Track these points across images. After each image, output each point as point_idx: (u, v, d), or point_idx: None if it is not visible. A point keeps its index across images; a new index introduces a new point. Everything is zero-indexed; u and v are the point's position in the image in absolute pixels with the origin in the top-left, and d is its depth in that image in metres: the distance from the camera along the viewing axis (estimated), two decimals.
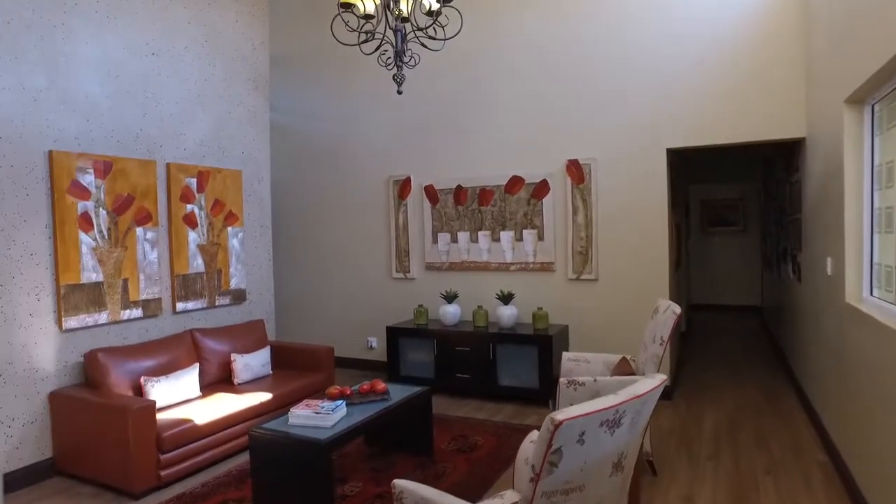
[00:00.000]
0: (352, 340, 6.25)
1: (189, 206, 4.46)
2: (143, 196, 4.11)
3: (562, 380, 3.38)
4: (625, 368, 3.65)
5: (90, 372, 3.63)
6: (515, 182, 5.27)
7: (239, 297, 4.90)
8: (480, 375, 4.97)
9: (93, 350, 3.65)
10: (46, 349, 3.58)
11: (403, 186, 5.82)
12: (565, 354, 4.02)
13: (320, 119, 6.33)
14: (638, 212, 4.84)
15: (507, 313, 5.02)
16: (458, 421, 4.45)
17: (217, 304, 4.69)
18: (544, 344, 4.70)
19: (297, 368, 4.69)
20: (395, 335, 5.35)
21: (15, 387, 3.43)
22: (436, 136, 5.69)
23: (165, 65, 4.33)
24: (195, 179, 4.51)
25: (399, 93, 3.22)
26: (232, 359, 4.31)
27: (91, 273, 3.78)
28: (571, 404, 3.35)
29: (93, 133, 3.85)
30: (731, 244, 10.06)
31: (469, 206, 5.50)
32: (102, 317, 3.84)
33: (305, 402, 3.22)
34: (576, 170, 5.02)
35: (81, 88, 3.78)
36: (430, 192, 5.69)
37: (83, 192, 3.74)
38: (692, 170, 8.86)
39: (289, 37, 6.50)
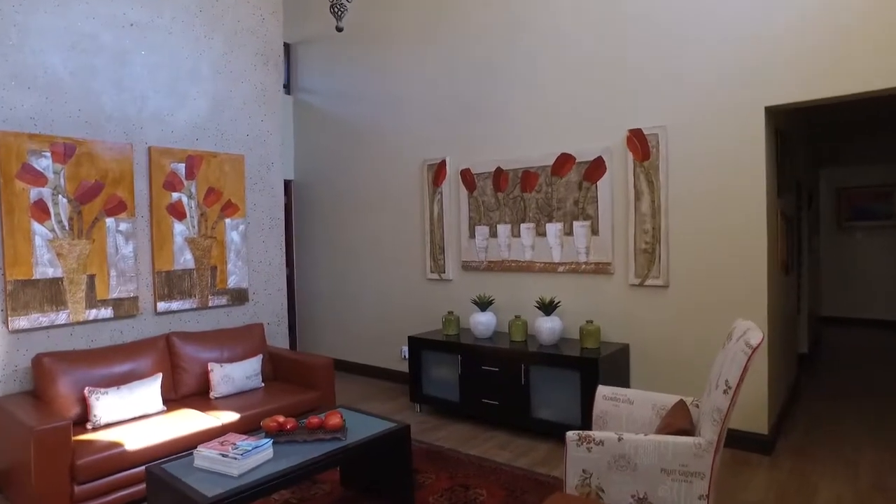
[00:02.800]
0: (385, 349, 5.52)
1: (175, 195, 3.98)
2: (116, 183, 3.68)
3: (570, 434, 2.35)
4: (679, 418, 2.51)
5: (36, 379, 3.23)
6: (564, 161, 4.20)
7: (239, 297, 4.36)
8: (510, 403, 3.99)
9: (40, 354, 3.25)
10: None
11: (438, 171, 4.97)
12: (601, 390, 2.95)
13: (353, 100, 5.68)
14: (724, 197, 3.57)
15: (547, 326, 3.98)
16: (468, 462, 3.52)
17: (211, 304, 4.18)
18: (588, 369, 3.61)
19: (295, 382, 4.04)
20: (418, 347, 4.52)
21: None
22: (472, 113, 4.77)
23: (147, 37, 3.88)
24: (183, 165, 4.02)
25: (339, 29, 2.39)
26: (209, 368, 3.75)
27: (46, 268, 3.39)
28: (584, 472, 2.35)
29: (53, 113, 3.46)
30: (879, 242, 7.96)
31: (510, 192, 4.52)
32: (61, 317, 3.44)
33: (223, 438, 2.51)
34: (639, 143, 3.85)
35: (38, 63, 3.40)
36: (467, 178, 4.79)
37: (37, 178, 3.35)
38: (821, 149, 7.05)
39: (319, 15, 5.92)
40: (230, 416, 3.39)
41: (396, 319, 5.41)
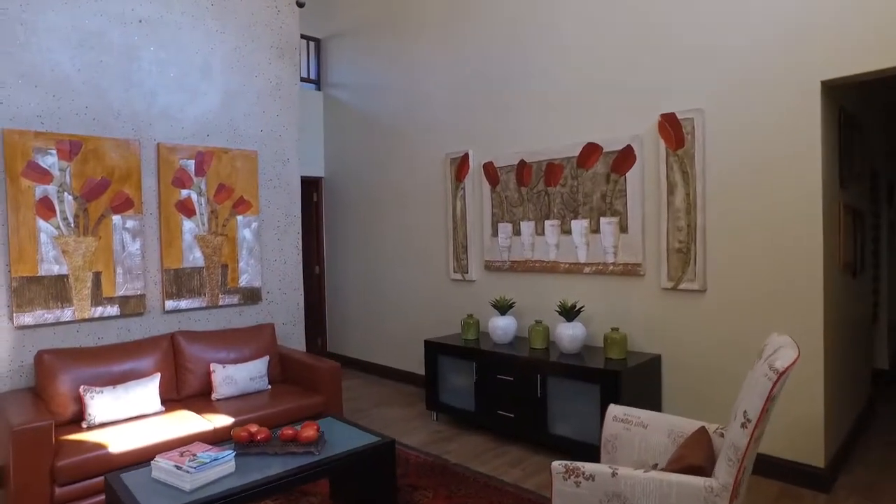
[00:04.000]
0: (409, 352, 5.31)
1: (184, 192, 3.93)
2: (123, 180, 3.65)
3: (555, 466, 2.03)
4: (695, 451, 2.12)
5: (37, 376, 3.23)
6: (590, 152, 3.82)
7: (251, 296, 4.27)
8: (526, 416, 3.65)
9: (41, 351, 3.25)
10: None
11: (461, 166, 4.70)
12: (612, 409, 2.58)
13: (378, 94, 5.50)
14: (772, 188, 3.09)
15: (568, 333, 3.62)
16: (473, 480, 3.23)
17: (221, 303, 4.11)
18: (609, 383, 3.22)
19: (302, 386, 3.89)
20: (434, 352, 4.26)
21: None
22: (495, 102, 4.46)
23: (156, 33, 3.84)
24: (193, 161, 3.96)
25: (300, 4, 2.16)
26: (211, 369, 3.66)
27: (52, 265, 3.40)
28: None
29: (61, 110, 3.47)
30: None
31: (534, 187, 4.18)
32: (66, 313, 3.45)
33: (187, 447, 2.36)
34: (672, 129, 3.41)
35: (45, 61, 3.41)
36: (490, 172, 4.48)
37: (43, 175, 3.37)
38: None
39: (347, 7, 5.80)
40: (223, 420, 3.27)
41: (420, 321, 5.18)
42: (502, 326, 4.04)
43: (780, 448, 3.09)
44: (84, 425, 3.13)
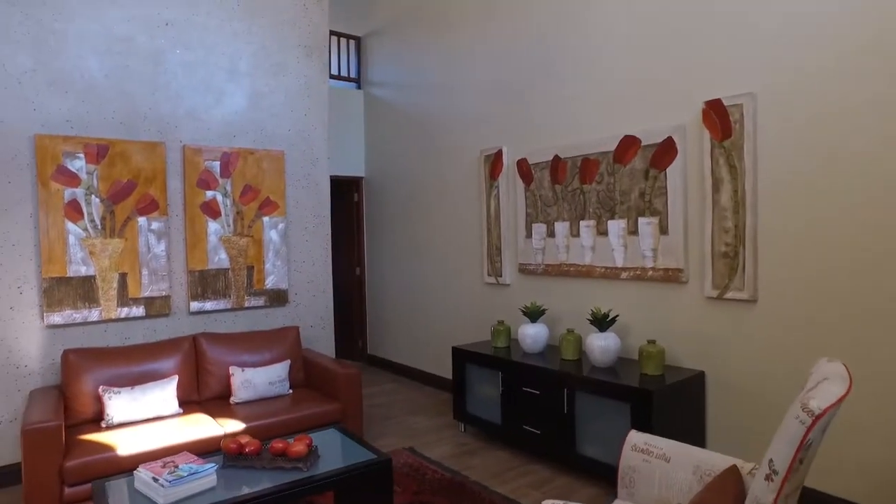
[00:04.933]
0: (445, 357, 5.12)
1: (210, 193, 3.94)
2: (148, 182, 3.70)
3: None
4: (719, 497, 1.79)
5: (63, 374, 3.31)
6: (628, 145, 3.47)
7: (278, 298, 4.23)
8: (552, 433, 3.37)
9: (66, 350, 3.33)
10: (28, 345, 3.38)
11: (495, 162, 4.45)
12: (632, 437, 2.29)
13: (415, 91, 5.35)
14: (841, 186, 2.64)
15: (598, 345, 3.30)
16: (490, 501, 2.99)
17: (247, 305, 4.09)
18: (641, 401, 2.89)
19: (323, 391, 3.80)
20: (462, 360, 4.05)
21: None
22: (529, 96, 4.18)
23: (182, 35, 3.86)
24: (218, 163, 3.96)
25: None
26: (230, 372, 3.64)
27: (80, 266, 3.48)
28: None
29: (89, 115, 3.55)
30: None
31: (568, 185, 3.87)
32: (93, 314, 3.53)
33: (172, 457, 2.29)
34: (718, 117, 3.02)
35: (76, 68, 3.50)
36: (523, 168, 4.21)
37: (71, 179, 3.45)
38: None
39: (386, 5, 5.68)
40: (235, 425, 3.22)
41: (455, 326, 4.99)
42: (532, 335, 3.77)
43: (860, 493, 2.64)
44: (103, 425, 3.17)
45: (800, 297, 2.77)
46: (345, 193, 6.38)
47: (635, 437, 2.27)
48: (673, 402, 2.96)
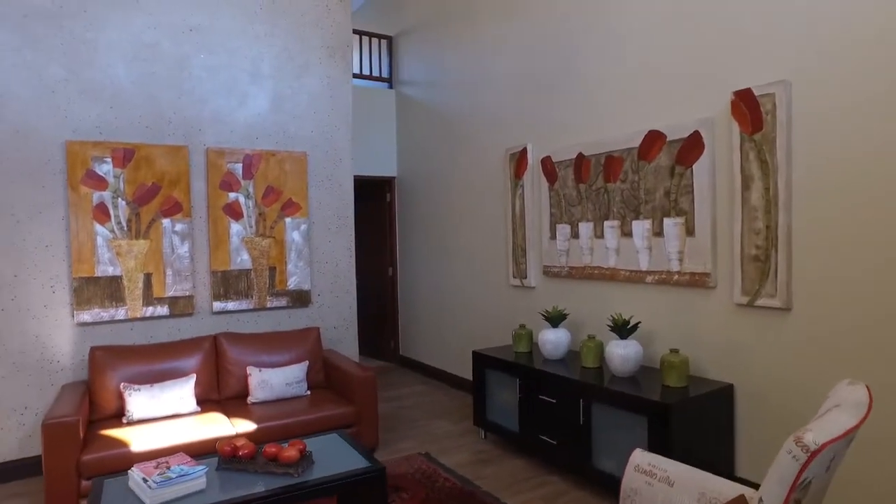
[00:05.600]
0: (470, 360, 5.02)
1: (232, 195, 4.00)
2: (172, 185, 3.80)
3: None
4: None
5: (90, 370, 3.44)
6: (653, 141, 3.26)
7: (300, 299, 4.26)
8: (568, 444, 3.21)
9: (93, 347, 3.46)
10: (61, 342, 3.53)
11: (520, 161, 4.32)
12: (636, 456, 2.13)
13: (444, 89, 5.27)
14: (886, 178, 2.37)
15: (618, 353, 3.11)
16: None
17: (269, 305, 4.14)
18: (658, 415, 2.69)
19: (340, 393, 3.79)
20: (482, 364, 3.94)
21: (27, 376, 3.46)
22: (553, 92, 4.02)
23: (206, 40, 3.94)
24: (240, 165, 4.02)
25: None
26: (248, 373, 3.68)
27: (107, 266, 3.61)
28: None
29: (117, 121, 3.68)
30: None
31: (592, 183, 3.69)
32: (120, 312, 3.65)
33: (167, 458, 2.31)
34: (748, 108, 2.77)
35: (105, 76, 3.63)
36: (547, 167, 4.05)
37: (99, 182, 3.59)
38: None
39: (416, 3, 5.62)
40: (247, 426, 3.25)
41: (482, 329, 4.88)
42: (552, 340, 3.61)
43: None
44: (124, 420, 3.27)
45: (839, 306, 2.50)
46: (377, 194, 6.39)
47: (639, 457, 2.11)
48: (696, 417, 2.75)
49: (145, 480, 2.11)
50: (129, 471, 2.25)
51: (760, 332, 2.80)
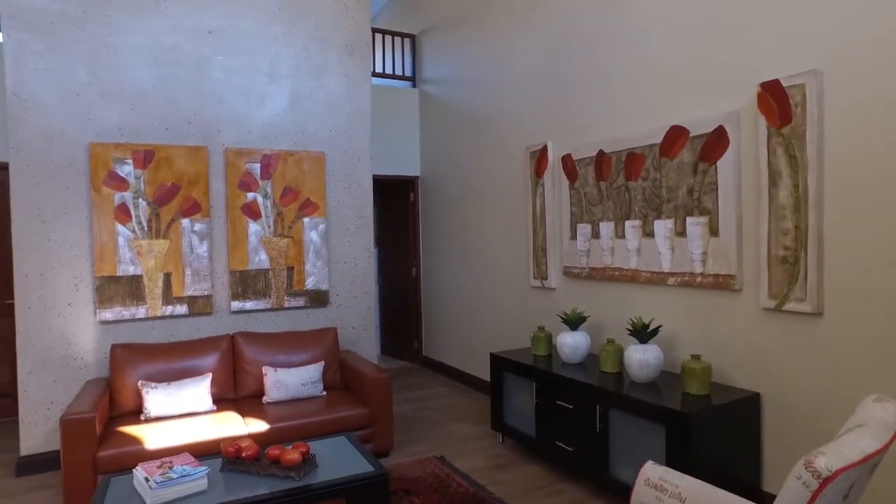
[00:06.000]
0: None
1: (250, 195, 4.03)
2: (191, 185, 3.84)
3: None
4: None
5: (110, 367, 3.51)
6: (675, 137, 3.12)
7: (318, 299, 4.25)
8: (584, 452, 3.10)
9: (114, 345, 3.53)
10: (84, 339, 3.62)
11: (540, 159, 4.21)
12: (647, 470, 2.02)
13: (465, 86, 5.20)
14: None
15: (637, 358, 2.99)
16: None
17: (287, 305, 4.15)
18: (676, 424, 2.56)
19: (356, 394, 3.77)
20: (499, 367, 3.86)
21: (54, 372, 3.55)
22: (573, 87, 3.90)
23: (224, 42, 3.97)
24: (258, 165, 4.04)
25: None
26: (263, 372, 3.69)
27: (128, 266, 3.68)
28: None
29: (138, 122, 3.74)
30: None
31: (613, 181, 3.56)
32: (140, 311, 3.72)
33: (172, 458, 2.31)
34: (775, 101, 2.61)
35: (126, 78, 3.70)
36: (568, 165, 3.94)
37: (120, 183, 3.66)
38: None
39: (436, 2, 5.58)
40: (259, 426, 3.25)
41: (502, 330, 4.79)
42: (570, 344, 3.50)
43: None
44: (142, 418, 3.32)
45: (874, 311, 2.32)
46: (401, 193, 6.36)
47: (650, 471, 2.00)
48: (719, 428, 2.60)
49: (147, 480, 2.12)
50: (134, 469, 2.26)
51: (789, 339, 2.63)
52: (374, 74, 5.98)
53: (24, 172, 3.47)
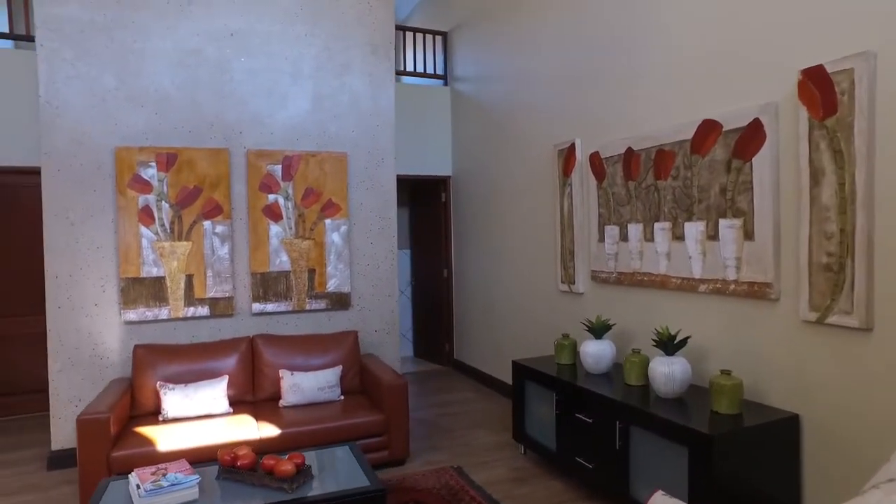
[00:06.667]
0: None
1: (272, 197, 4.02)
2: (213, 187, 3.87)
3: None
4: None
5: (133, 367, 3.57)
6: (707, 131, 2.87)
7: (340, 302, 4.21)
8: (604, 470, 2.90)
9: (136, 345, 3.59)
10: (110, 338, 3.70)
11: (568, 157, 4.01)
12: (657, 499, 1.81)
13: (495, 85, 5.04)
14: None
15: (662, 371, 2.76)
16: None
17: (308, 307, 4.12)
18: (699, 446, 2.33)
19: (373, 400, 3.69)
20: (521, 375, 3.69)
21: (82, 370, 3.65)
22: (600, 81, 3.68)
23: (246, 44, 3.98)
24: (279, 166, 4.03)
25: None
26: (280, 376, 3.67)
27: (151, 267, 3.74)
28: None
29: (162, 126, 3.80)
30: None
31: (642, 180, 3.33)
32: (163, 312, 3.77)
33: (167, 465, 2.29)
34: (818, 89, 2.33)
35: (150, 83, 3.76)
36: (595, 163, 3.72)
37: (144, 186, 3.72)
38: None
39: None
40: (271, 431, 3.22)
41: (531, 335, 4.61)
42: (593, 353, 3.29)
43: None
44: (160, 418, 3.36)
45: None
46: (433, 193, 6.27)
47: (658, 502, 1.80)
48: (750, 452, 2.35)
49: (138, 487, 2.10)
50: (130, 475, 2.25)
51: (833, 356, 2.35)
52: (406, 73, 5.91)
53: (54, 177, 3.58)
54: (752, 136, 2.63)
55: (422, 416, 4.57)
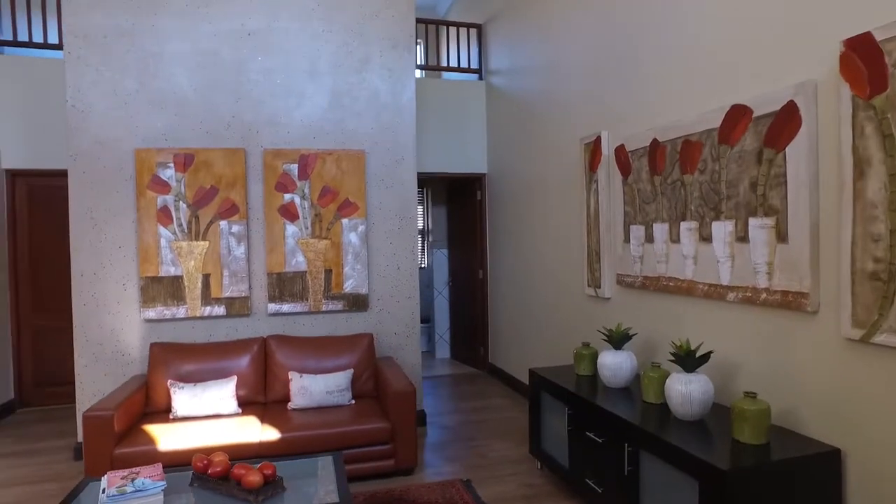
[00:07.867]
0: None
1: (287, 196, 3.97)
2: (229, 187, 3.87)
3: None
4: None
5: (149, 365, 3.63)
6: (736, 118, 2.51)
7: (357, 303, 4.10)
8: (612, 494, 2.61)
9: (153, 343, 3.65)
10: (131, 336, 3.78)
11: (594, 152, 3.71)
12: None
13: (527, 78, 4.79)
14: None
15: (679, 390, 2.45)
16: None
17: (324, 308, 4.05)
18: (711, 481, 2.02)
19: (383, 406, 3.56)
20: (538, 385, 3.44)
21: (105, 366, 3.75)
22: (627, 71, 3.36)
23: (263, 43, 3.95)
24: (296, 165, 3.98)
25: None
26: (289, 378, 3.61)
27: (170, 266, 3.79)
28: None
29: (181, 127, 3.83)
30: None
31: (668, 175, 3.00)
32: (181, 311, 3.81)
33: (139, 469, 2.25)
34: (864, 62, 1.96)
35: (169, 85, 3.81)
36: (621, 157, 3.41)
37: (163, 187, 3.77)
38: None
39: None
40: (272, 434, 3.16)
41: (559, 341, 4.33)
42: (611, 365, 3.00)
43: None
44: (171, 417, 3.38)
45: None
46: (468, 192, 6.08)
47: None
48: (776, 490, 2.01)
49: (103, 492, 2.06)
50: (103, 477, 2.23)
51: (883, 381, 1.96)
52: (441, 68, 5.75)
53: (80, 179, 3.69)
54: (785, 122, 2.26)
55: (446, 421, 4.40)
